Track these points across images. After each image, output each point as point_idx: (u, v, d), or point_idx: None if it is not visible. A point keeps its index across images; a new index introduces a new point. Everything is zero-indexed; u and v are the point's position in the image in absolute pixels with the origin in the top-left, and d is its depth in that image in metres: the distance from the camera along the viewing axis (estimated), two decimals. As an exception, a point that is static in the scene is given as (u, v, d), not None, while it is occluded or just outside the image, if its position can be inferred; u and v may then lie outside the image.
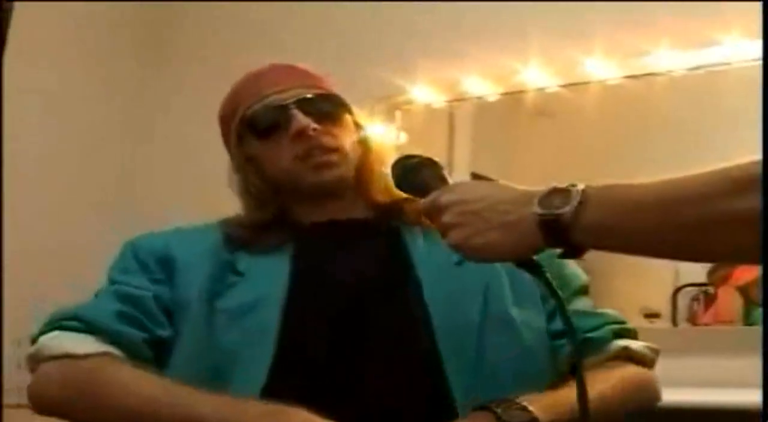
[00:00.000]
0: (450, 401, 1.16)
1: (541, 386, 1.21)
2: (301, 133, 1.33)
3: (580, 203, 0.93)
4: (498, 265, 1.28)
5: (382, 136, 2.57)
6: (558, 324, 1.28)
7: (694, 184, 0.87)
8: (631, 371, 1.28)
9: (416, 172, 1.18)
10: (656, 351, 1.33)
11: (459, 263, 1.25)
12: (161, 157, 3.08)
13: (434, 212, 1.09)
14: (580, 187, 0.95)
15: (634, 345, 1.31)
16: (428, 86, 2.73)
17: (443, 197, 1.08)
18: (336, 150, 1.35)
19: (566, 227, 0.94)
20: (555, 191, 0.97)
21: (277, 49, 2.83)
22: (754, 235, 0.81)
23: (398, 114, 2.76)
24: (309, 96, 1.37)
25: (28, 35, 2.72)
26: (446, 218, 1.06)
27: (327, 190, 1.35)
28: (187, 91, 3.01)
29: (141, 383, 1.17)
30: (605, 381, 1.21)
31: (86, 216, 2.81)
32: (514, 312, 1.26)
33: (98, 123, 3.00)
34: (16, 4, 2.63)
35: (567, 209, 0.93)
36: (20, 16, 2.65)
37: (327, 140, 1.35)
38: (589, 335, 1.28)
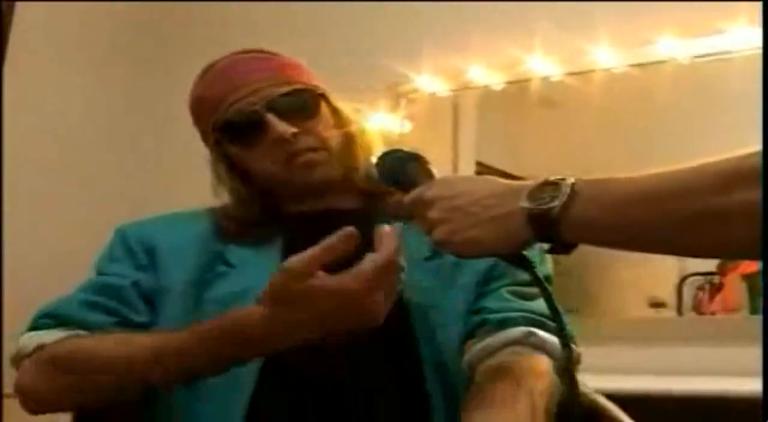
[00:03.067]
0: (427, 399, 1.17)
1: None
2: (281, 141, 1.29)
3: (570, 197, 0.91)
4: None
5: (380, 126, 2.57)
6: (480, 304, 1.24)
7: (684, 178, 0.85)
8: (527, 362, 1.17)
9: (402, 167, 1.15)
10: (571, 349, 1.17)
11: (429, 258, 1.24)
12: (163, 153, 3.08)
13: (420, 207, 1.06)
14: (570, 180, 0.92)
15: (541, 333, 1.19)
16: (433, 75, 2.72)
17: (429, 192, 1.05)
18: (319, 148, 1.32)
19: (555, 221, 0.91)
20: (544, 184, 0.94)
21: (281, 39, 2.82)
22: (745, 230, 0.80)
23: (403, 103, 2.76)
24: (280, 94, 1.31)
25: (29, 34, 2.72)
26: (432, 213, 1.03)
27: (315, 188, 1.33)
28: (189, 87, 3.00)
29: (102, 344, 1.17)
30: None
31: (88, 211, 2.82)
32: (464, 304, 1.25)
33: (100, 120, 3.00)
34: (17, 4, 2.63)
35: (556, 203, 0.91)
36: (21, 16, 2.66)
37: (308, 141, 1.31)
38: (493, 316, 1.22)
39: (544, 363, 1.17)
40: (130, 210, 2.65)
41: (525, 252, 1.02)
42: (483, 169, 2.69)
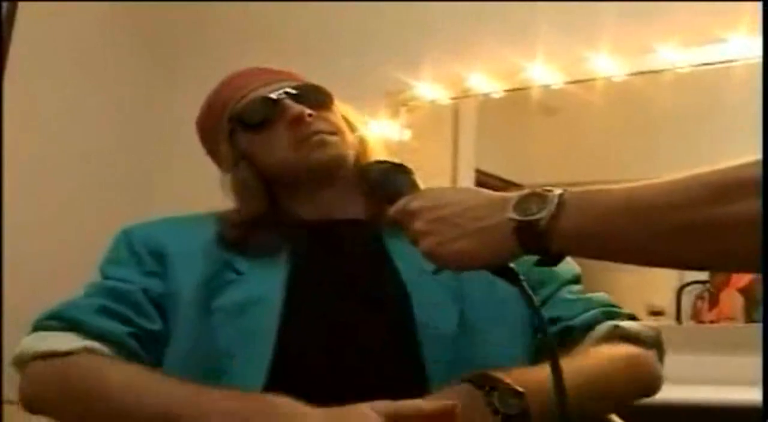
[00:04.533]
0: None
1: None
2: (298, 120, 1.31)
3: (557, 208, 0.90)
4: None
5: (377, 132, 2.57)
6: (548, 314, 1.24)
7: (674, 189, 0.84)
8: (621, 349, 1.22)
9: (387, 178, 1.15)
10: (656, 331, 1.27)
11: (435, 272, 1.24)
12: (165, 154, 3.07)
13: (405, 218, 1.05)
14: (557, 191, 0.91)
15: (626, 324, 1.25)
16: (433, 83, 2.73)
17: (413, 203, 1.04)
18: (333, 132, 1.34)
19: (542, 233, 0.90)
20: (531, 196, 0.93)
21: (283, 47, 2.83)
22: (738, 241, 0.79)
23: (403, 110, 2.76)
24: (298, 87, 1.36)
25: (33, 37, 2.72)
26: (417, 225, 1.02)
27: (327, 170, 1.33)
28: (194, 93, 3.00)
29: (116, 375, 1.14)
30: (592, 359, 1.17)
31: (88, 213, 2.82)
32: (492, 315, 1.23)
33: (101, 122, 3.00)
34: (18, 5, 2.63)
35: (543, 214, 0.90)
36: (25, 18, 2.66)
37: (323, 124, 1.33)
38: (572, 323, 1.24)
39: (631, 351, 1.21)
40: (131, 211, 2.66)
41: (512, 265, 1.01)
42: (483, 176, 2.69)
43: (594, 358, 1.18)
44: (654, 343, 1.26)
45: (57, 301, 1.28)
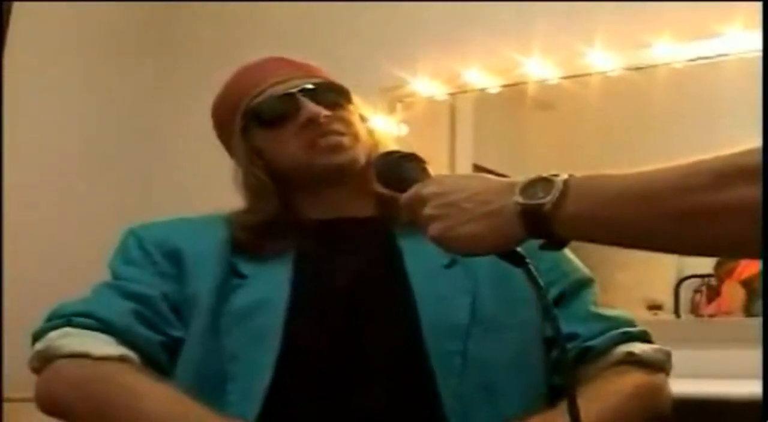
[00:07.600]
0: (439, 404, 1.14)
1: (533, 392, 1.21)
2: (312, 120, 1.30)
3: (562, 193, 0.91)
4: (487, 267, 1.22)
5: (385, 129, 2.57)
6: (568, 328, 1.21)
7: (678, 174, 0.85)
8: (634, 379, 1.22)
9: (398, 167, 1.15)
10: (667, 354, 1.28)
11: (448, 266, 1.24)
12: (169, 159, 3.07)
13: (415, 205, 1.06)
14: (563, 176, 0.92)
15: (640, 349, 1.25)
16: (430, 78, 2.73)
17: (424, 189, 1.05)
18: (347, 134, 1.33)
19: (547, 217, 0.91)
20: (537, 180, 0.94)
21: (279, 43, 2.82)
22: (741, 226, 0.79)
23: (399, 106, 2.76)
24: (314, 85, 1.35)
25: (34, 38, 2.71)
26: (427, 210, 1.03)
27: (338, 174, 1.32)
28: (192, 92, 3.01)
29: (154, 395, 1.12)
30: (605, 392, 1.18)
31: (91, 216, 2.82)
32: (503, 315, 1.23)
33: (99, 123, 3.00)
34: (17, 5, 2.62)
35: (548, 199, 0.91)
36: (23, 17, 2.65)
37: (337, 125, 1.32)
38: (590, 343, 1.24)
39: (639, 379, 1.23)
40: (131, 211, 2.67)
41: (519, 249, 1.01)
42: (480, 171, 2.69)
43: (613, 395, 1.19)
44: (664, 366, 1.28)
45: (56, 301, 1.24)
